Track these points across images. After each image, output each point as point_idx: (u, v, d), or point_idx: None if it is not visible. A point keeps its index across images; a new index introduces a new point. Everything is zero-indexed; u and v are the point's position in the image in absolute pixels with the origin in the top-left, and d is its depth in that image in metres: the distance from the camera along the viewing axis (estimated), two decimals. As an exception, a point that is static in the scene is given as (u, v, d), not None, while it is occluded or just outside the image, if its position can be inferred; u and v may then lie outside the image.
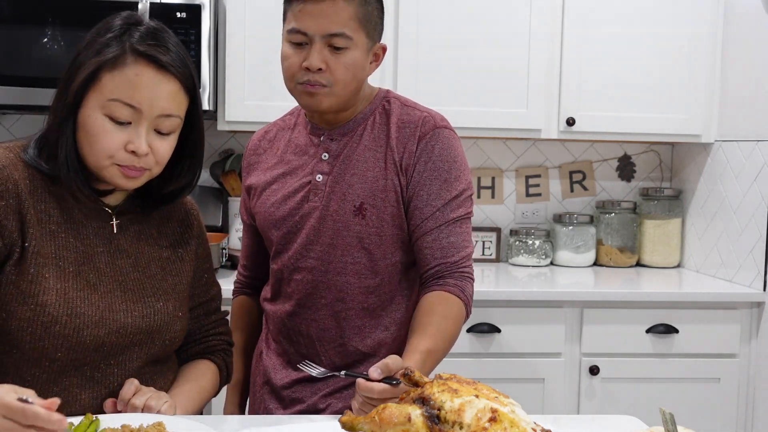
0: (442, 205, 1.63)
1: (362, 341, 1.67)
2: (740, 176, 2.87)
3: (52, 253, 1.38)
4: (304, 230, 1.66)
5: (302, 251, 1.67)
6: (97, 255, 1.43)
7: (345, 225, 1.63)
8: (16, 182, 1.36)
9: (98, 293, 1.40)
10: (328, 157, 1.67)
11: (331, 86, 1.58)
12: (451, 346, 1.60)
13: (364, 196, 1.63)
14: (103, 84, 1.35)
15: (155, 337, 1.46)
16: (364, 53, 1.61)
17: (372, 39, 1.63)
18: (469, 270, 1.65)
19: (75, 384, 1.39)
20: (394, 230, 1.65)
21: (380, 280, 1.66)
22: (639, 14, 2.96)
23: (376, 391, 1.33)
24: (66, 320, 1.35)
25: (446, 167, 1.64)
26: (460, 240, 1.64)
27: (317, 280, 1.66)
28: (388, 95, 1.72)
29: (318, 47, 1.56)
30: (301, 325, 1.69)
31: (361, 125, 1.68)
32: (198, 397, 1.53)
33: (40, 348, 1.35)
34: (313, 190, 1.66)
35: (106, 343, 1.40)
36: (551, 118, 2.95)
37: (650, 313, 2.72)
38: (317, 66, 1.56)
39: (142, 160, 1.38)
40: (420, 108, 1.70)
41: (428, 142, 1.64)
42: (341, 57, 1.57)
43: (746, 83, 2.86)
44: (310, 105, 1.62)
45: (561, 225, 3.24)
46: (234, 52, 2.83)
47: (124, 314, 1.42)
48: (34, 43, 2.66)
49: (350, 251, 1.64)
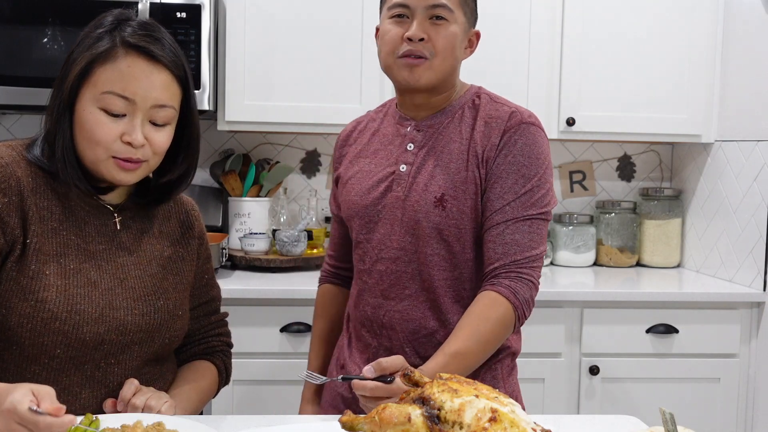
0: (513, 199, 1.59)
1: (444, 335, 1.60)
2: (740, 176, 2.87)
3: (54, 250, 1.39)
4: (387, 220, 1.66)
5: (385, 241, 1.66)
6: (98, 252, 1.43)
7: (425, 215, 1.62)
8: (19, 179, 1.38)
9: (99, 290, 1.41)
10: (413, 147, 1.67)
11: (431, 58, 1.59)
12: (491, 349, 1.56)
13: (446, 188, 1.61)
14: (96, 78, 1.37)
15: (155, 335, 1.46)
16: (462, 31, 1.63)
17: (469, 21, 1.65)
18: (529, 272, 1.58)
19: (75, 383, 1.40)
20: (473, 224, 1.62)
21: (459, 273, 1.63)
22: (639, 14, 2.96)
23: (368, 388, 1.34)
24: (66, 316, 1.36)
25: (525, 162, 1.61)
26: (526, 239, 1.59)
27: (401, 270, 1.65)
28: (480, 91, 1.72)
29: (420, 18, 1.59)
30: (384, 317, 1.67)
31: (449, 117, 1.67)
32: (197, 398, 1.53)
33: (40, 344, 1.36)
34: (396, 180, 1.66)
35: (105, 340, 1.40)
36: (551, 118, 2.95)
37: (650, 313, 2.72)
38: (419, 36, 1.58)
39: (139, 151, 1.38)
40: (510, 104, 1.68)
41: (512, 136, 1.61)
42: (442, 29, 1.59)
43: (746, 83, 2.86)
44: (409, 79, 1.61)
45: (561, 225, 3.24)
46: (234, 52, 2.83)
47: (125, 312, 1.42)
48: (34, 43, 2.66)
49: (430, 242, 1.62)
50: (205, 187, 3.17)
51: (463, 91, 1.71)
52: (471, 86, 1.73)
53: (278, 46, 2.85)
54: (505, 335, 1.57)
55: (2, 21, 2.66)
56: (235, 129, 2.93)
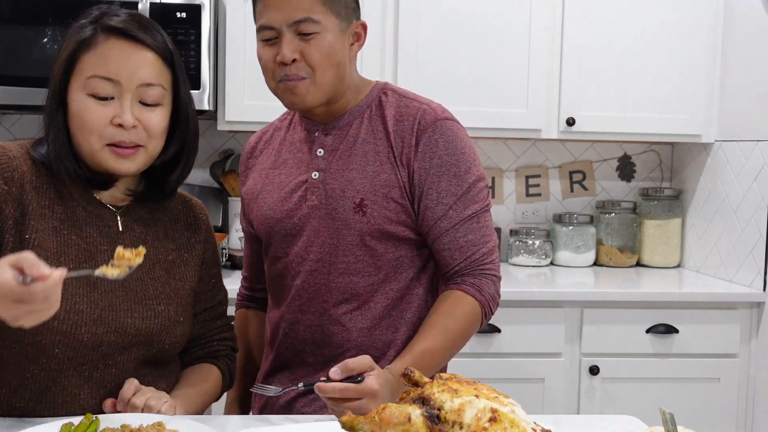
0: (454, 202, 1.57)
1: (371, 344, 1.59)
2: (740, 176, 2.87)
3: (54, 249, 1.39)
4: (304, 231, 1.60)
5: (302, 253, 1.60)
6: (99, 253, 1.43)
7: (345, 223, 1.57)
8: (23, 174, 1.39)
9: (99, 291, 1.41)
10: (323, 152, 1.61)
11: (310, 76, 1.52)
12: (459, 346, 1.57)
13: (365, 192, 1.56)
14: (81, 66, 1.39)
15: (154, 339, 1.45)
16: (338, 35, 1.53)
17: (345, 19, 1.55)
18: (490, 267, 1.59)
19: (74, 384, 1.39)
20: (398, 226, 1.58)
21: (384, 276, 1.59)
22: (639, 14, 2.95)
23: (337, 390, 1.31)
24: (64, 316, 1.35)
25: (453, 161, 1.57)
26: (478, 236, 1.58)
27: (319, 283, 1.60)
28: (385, 87, 1.65)
29: (288, 38, 1.50)
30: (305, 332, 1.62)
31: (357, 118, 1.61)
32: (199, 400, 1.52)
33: (38, 343, 1.35)
34: (310, 188, 1.60)
35: (104, 341, 1.39)
36: (551, 118, 2.94)
37: (650, 313, 2.72)
38: (290, 57, 1.50)
39: (132, 133, 1.38)
40: (419, 99, 1.63)
41: (431, 137, 1.56)
42: (313, 43, 1.50)
43: (746, 83, 2.86)
44: (295, 102, 1.55)
45: (561, 225, 3.24)
46: (234, 52, 2.83)
47: (124, 314, 1.42)
48: (34, 43, 2.66)
49: (352, 250, 1.57)
50: (205, 187, 3.17)
51: (368, 88, 1.64)
52: (376, 83, 1.67)
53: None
54: (473, 332, 1.59)
55: (2, 21, 2.66)
56: (235, 129, 2.93)
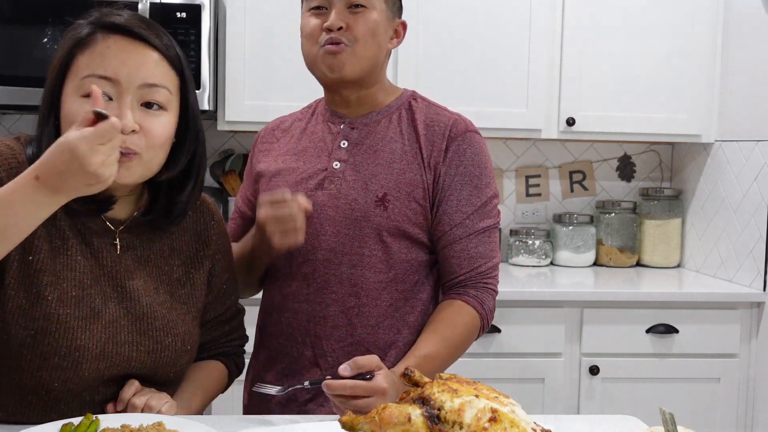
0: (472, 212, 1.60)
1: (374, 342, 1.59)
2: (740, 176, 2.87)
3: (56, 272, 1.31)
4: (316, 217, 1.59)
5: (312, 241, 1.59)
6: (102, 276, 1.36)
7: (365, 215, 1.58)
8: None
9: (102, 322, 1.33)
10: (347, 144, 1.63)
11: (352, 45, 1.57)
12: (458, 354, 1.58)
13: (389, 187, 1.58)
14: (77, 66, 1.27)
15: (159, 371, 1.40)
16: (384, 19, 1.61)
17: (391, 9, 1.63)
18: (492, 282, 1.63)
19: (73, 408, 1.35)
20: (414, 227, 1.60)
21: (394, 275, 1.59)
22: (639, 14, 2.95)
23: (348, 387, 1.31)
24: (65, 352, 1.30)
25: (477, 173, 1.61)
26: (487, 250, 1.62)
27: (329, 274, 1.59)
28: (414, 94, 1.70)
29: (338, 8, 1.57)
30: (308, 324, 1.61)
31: (386, 117, 1.65)
32: (202, 395, 1.50)
33: (38, 377, 1.31)
34: (329, 177, 1.61)
35: (105, 375, 1.35)
36: (551, 118, 2.95)
37: (650, 313, 2.72)
38: (338, 24, 1.56)
39: (129, 138, 1.24)
40: (449, 110, 1.67)
41: (459, 145, 1.61)
42: (360, 16, 1.57)
43: (746, 83, 2.86)
44: (333, 66, 1.58)
45: (561, 225, 3.24)
46: (234, 52, 2.83)
47: (129, 347, 1.36)
48: (34, 43, 2.66)
49: (367, 243, 1.58)
50: (205, 187, 3.15)
51: (398, 93, 1.70)
52: (405, 90, 1.72)
53: (278, 46, 2.85)
54: (470, 342, 1.60)
55: (2, 21, 2.66)
56: (235, 129, 2.93)
